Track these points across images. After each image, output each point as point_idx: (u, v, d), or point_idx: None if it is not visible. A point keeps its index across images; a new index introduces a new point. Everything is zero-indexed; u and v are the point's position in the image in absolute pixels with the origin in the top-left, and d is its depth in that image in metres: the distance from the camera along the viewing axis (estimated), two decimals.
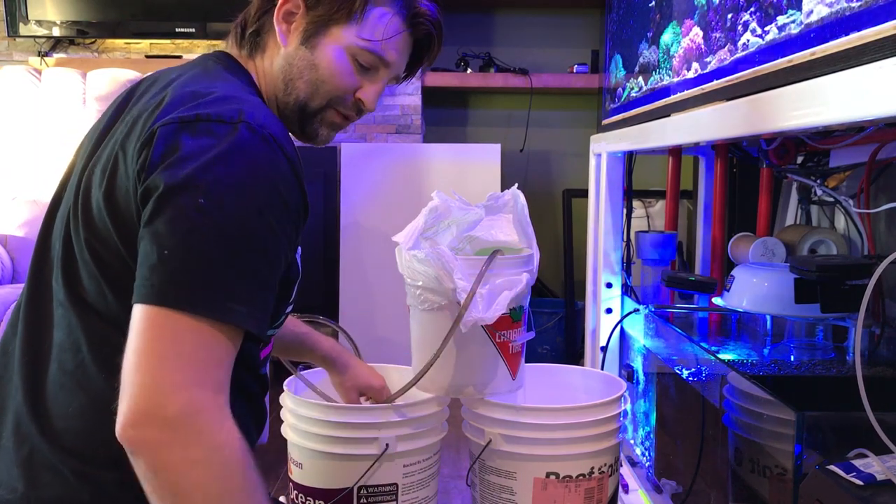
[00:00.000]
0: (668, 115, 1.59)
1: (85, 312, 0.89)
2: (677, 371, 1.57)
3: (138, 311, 0.79)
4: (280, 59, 1.01)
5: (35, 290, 0.96)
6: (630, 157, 2.16)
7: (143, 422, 0.75)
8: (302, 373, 1.38)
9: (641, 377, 1.94)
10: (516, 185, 1.35)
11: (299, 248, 0.99)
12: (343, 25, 0.99)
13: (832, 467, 0.90)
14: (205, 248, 0.79)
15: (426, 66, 1.10)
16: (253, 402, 1.04)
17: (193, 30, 3.05)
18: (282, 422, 1.33)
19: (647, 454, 1.89)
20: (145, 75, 1.06)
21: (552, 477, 1.25)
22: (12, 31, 3.06)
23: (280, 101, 1.02)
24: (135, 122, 0.90)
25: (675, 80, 1.57)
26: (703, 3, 1.40)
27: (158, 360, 0.76)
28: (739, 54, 1.22)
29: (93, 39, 3.21)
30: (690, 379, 1.50)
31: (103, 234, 0.87)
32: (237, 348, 0.82)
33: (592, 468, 1.27)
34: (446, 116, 3.61)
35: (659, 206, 3.13)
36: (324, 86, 1.01)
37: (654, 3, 1.77)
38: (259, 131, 0.84)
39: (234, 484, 0.78)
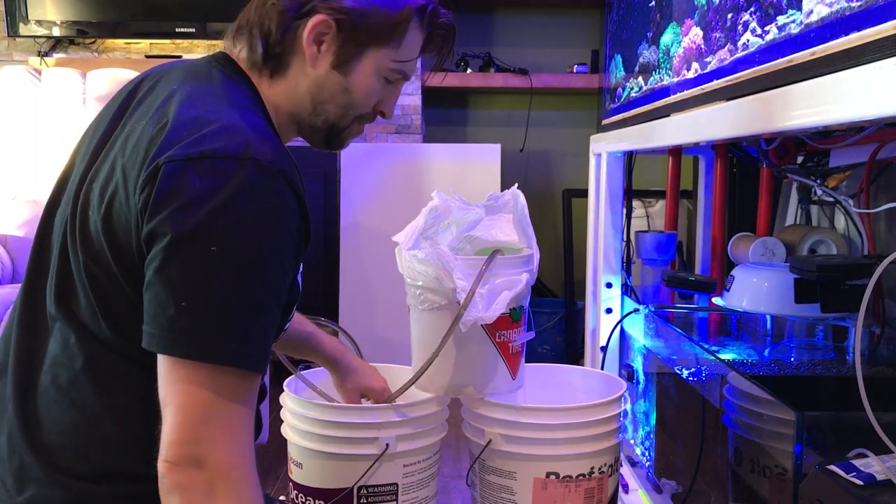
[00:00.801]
0: (668, 115, 1.59)
1: (80, 330, 0.89)
2: (677, 371, 1.56)
3: (168, 363, 0.80)
4: (307, 80, 0.97)
5: (30, 295, 0.95)
6: (630, 157, 2.16)
7: (183, 469, 0.79)
8: (302, 373, 1.38)
9: (641, 377, 1.94)
10: (516, 185, 1.35)
11: (301, 265, 0.98)
12: (379, 49, 0.98)
13: (832, 467, 0.90)
14: (223, 297, 0.80)
15: (438, 65, 1.09)
16: None
17: (193, 30, 3.05)
18: (282, 422, 1.33)
19: (647, 454, 1.89)
20: (145, 72, 1.02)
21: (552, 477, 1.25)
22: (12, 31, 3.06)
23: (305, 120, 1.00)
24: (137, 141, 0.87)
25: (675, 80, 1.57)
26: (703, 3, 1.40)
27: (202, 420, 0.79)
28: (739, 54, 1.22)
29: (93, 39, 3.21)
30: (690, 379, 1.50)
31: (102, 260, 0.87)
32: (258, 389, 0.85)
33: (592, 468, 1.27)
34: (446, 116, 3.61)
35: (659, 206, 3.13)
36: (354, 108, 1.00)
37: (654, 3, 1.77)
38: (267, 167, 0.82)
39: None
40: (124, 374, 0.87)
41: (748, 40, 1.19)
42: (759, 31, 1.15)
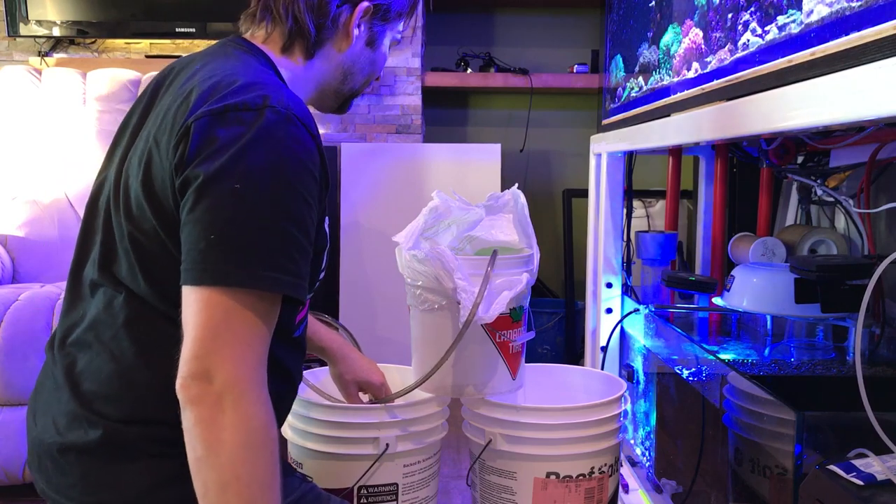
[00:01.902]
0: (668, 115, 1.59)
1: (124, 291, 0.97)
2: (677, 371, 1.57)
3: (192, 293, 0.86)
4: (341, 56, 1.09)
5: (74, 276, 1.04)
6: (630, 157, 2.16)
7: (194, 383, 0.84)
8: (302, 373, 1.38)
9: (641, 377, 1.94)
10: (516, 185, 1.35)
11: (327, 217, 1.04)
12: (398, 22, 1.12)
13: (832, 467, 0.90)
14: (246, 228, 0.86)
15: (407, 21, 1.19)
16: (281, 365, 1.06)
17: (193, 30, 3.05)
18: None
19: (647, 454, 1.89)
20: (170, 65, 1.08)
21: (552, 477, 1.25)
22: (12, 31, 3.06)
23: (333, 89, 1.12)
24: (165, 114, 0.96)
25: (675, 79, 1.57)
26: (703, 3, 1.40)
27: (212, 337, 0.85)
28: (739, 54, 1.22)
29: (93, 39, 3.20)
30: (690, 379, 1.50)
31: (143, 224, 0.94)
32: (277, 313, 0.90)
33: (592, 468, 1.27)
34: (446, 116, 3.61)
35: (659, 206, 3.13)
36: (374, 75, 1.15)
37: (654, 3, 1.77)
38: (283, 112, 0.90)
39: (254, 453, 0.85)
40: (159, 330, 0.94)
41: (748, 40, 1.19)
42: (759, 30, 1.15)
